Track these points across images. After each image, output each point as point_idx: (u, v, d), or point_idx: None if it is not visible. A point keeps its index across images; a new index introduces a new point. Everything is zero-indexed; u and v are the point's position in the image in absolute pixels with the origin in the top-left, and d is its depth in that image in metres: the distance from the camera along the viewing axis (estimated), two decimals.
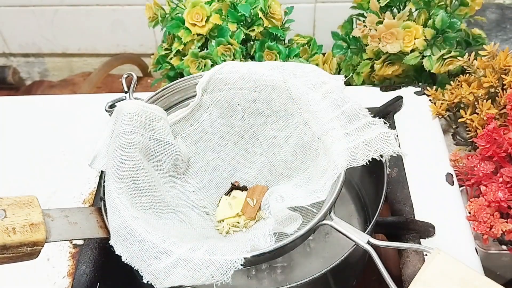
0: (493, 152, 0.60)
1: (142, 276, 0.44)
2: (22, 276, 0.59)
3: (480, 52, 0.68)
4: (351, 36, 0.85)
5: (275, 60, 0.80)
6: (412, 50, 0.76)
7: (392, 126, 0.72)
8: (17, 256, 0.43)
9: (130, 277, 0.51)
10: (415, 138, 0.70)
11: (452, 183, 0.64)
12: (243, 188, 0.61)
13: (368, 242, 0.47)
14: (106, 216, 0.50)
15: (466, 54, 0.70)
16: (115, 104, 0.59)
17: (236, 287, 0.62)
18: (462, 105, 0.71)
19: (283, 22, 0.84)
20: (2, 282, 0.59)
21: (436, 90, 0.74)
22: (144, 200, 0.52)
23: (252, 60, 0.81)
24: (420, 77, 0.83)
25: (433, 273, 0.44)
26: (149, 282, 0.44)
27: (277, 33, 0.81)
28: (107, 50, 1.30)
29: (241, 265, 0.44)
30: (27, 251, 0.43)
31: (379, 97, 0.75)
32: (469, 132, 0.69)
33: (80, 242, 0.62)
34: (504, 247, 0.62)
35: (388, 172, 0.57)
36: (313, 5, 1.12)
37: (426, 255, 0.57)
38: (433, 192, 0.64)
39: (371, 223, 0.54)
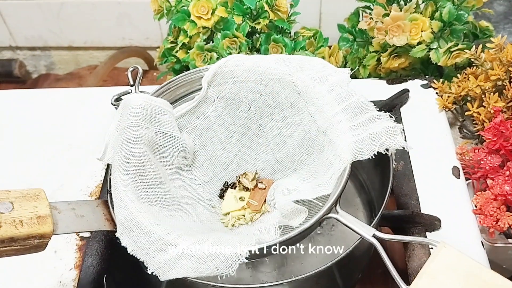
0: (500, 146, 0.59)
1: (147, 268, 0.45)
2: (30, 268, 0.59)
3: (488, 45, 0.68)
4: (357, 29, 0.85)
5: (281, 53, 0.80)
6: (419, 43, 0.76)
7: (398, 120, 0.72)
8: (24, 249, 0.43)
9: (137, 269, 0.51)
10: (421, 131, 0.70)
11: (458, 177, 0.64)
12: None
13: (374, 235, 0.47)
14: (113, 208, 0.50)
15: (473, 46, 0.70)
16: (121, 97, 0.60)
17: (241, 279, 0.62)
18: (469, 98, 0.71)
19: (289, 15, 0.84)
20: (10, 274, 0.59)
21: (443, 83, 0.74)
22: (150, 194, 0.52)
23: (257, 53, 0.81)
24: (426, 70, 0.82)
25: (439, 267, 0.44)
26: (153, 274, 0.44)
27: (283, 26, 0.81)
28: (113, 43, 1.30)
29: (246, 258, 0.44)
30: (34, 244, 0.43)
31: (386, 90, 0.75)
32: (476, 125, 0.69)
33: (87, 234, 0.62)
34: (510, 240, 0.62)
35: (394, 166, 0.57)
36: None
37: (432, 248, 0.57)
38: (439, 186, 0.64)
39: (377, 216, 0.54)
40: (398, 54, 0.79)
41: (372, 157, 0.49)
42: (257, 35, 0.82)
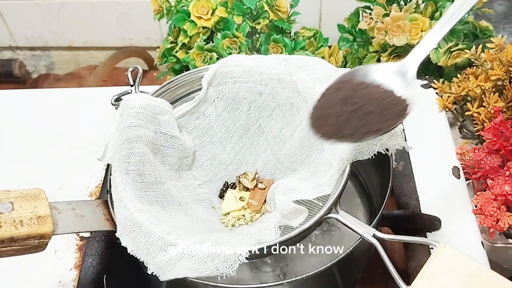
0: (500, 146, 0.59)
1: (147, 268, 0.45)
2: (30, 268, 0.59)
3: (488, 45, 0.68)
4: (357, 29, 0.85)
5: (281, 53, 0.80)
6: (419, 43, 0.76)
7: None
8: (24, 249, 0.43)
9: (137, 269, 0.51)
10: (421, 131, 0.70)
11: (458, 177, 0.64)
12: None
13: (374, 236, 0.47)
14: (113, 208, 0.50)
15: (474, 46, 0.70)
16: (121, 97, 0.60)
17: (241, 279, 0.62)
18: (469, 98, 0.71)
19: (289, 15, 0.84)
20: (10, 274, 0.59)
21: (443, 83, 0.74)
22: (150, 194, 0.52)
23: (258, 53, 0.81)
24: (427, 70, 0.82)
25: (439, 267, 0.44)
26: (153, 274, 0.44)
27: (283, 26, 0.81)
28: (113, 43, 1.30)
29: (246, 258, 0.44)
30: (34, 244, 0.43)
31: None
32: (476, 126, 0.69)
33: (87, 234, 0.62)
34: (510, 240, 0.62)
35: (394, 166, 0.57)
36: None
37: (432, 248, 0.57)
38: (439, 186, 0.64)
39: (377, 217, 0.54)
40: (398, 54, 0.79)
41: (372, 157, 0.49)
42: (257, 35, 0.82)
